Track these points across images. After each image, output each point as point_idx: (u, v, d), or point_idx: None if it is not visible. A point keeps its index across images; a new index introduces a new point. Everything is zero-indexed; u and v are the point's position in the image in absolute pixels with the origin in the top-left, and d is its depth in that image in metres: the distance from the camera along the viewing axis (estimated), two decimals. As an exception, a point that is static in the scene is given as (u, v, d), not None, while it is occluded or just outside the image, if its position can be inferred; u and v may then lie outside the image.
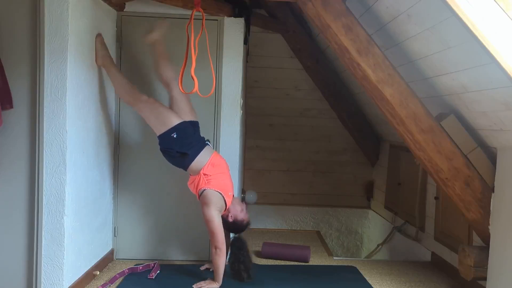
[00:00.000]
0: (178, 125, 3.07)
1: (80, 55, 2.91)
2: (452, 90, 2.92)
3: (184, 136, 3.09)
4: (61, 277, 2.78)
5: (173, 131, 3.05)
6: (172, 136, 3.05)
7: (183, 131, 3.09)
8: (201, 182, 3.13)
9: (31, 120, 2.72)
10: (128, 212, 3.69)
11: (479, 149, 2.95)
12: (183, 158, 3.11)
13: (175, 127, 3.06)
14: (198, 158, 3.11)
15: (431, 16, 2.47)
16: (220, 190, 3.12)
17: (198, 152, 3.12)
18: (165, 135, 3.07)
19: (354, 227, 5.59)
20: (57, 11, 2.68)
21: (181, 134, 3.07)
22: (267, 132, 5.40)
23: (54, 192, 2.75)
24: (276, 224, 5.41)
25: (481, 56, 2.28)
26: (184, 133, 3.10)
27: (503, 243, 2.76)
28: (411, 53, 3.05)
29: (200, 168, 3.12)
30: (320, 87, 5.29)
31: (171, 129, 3.05)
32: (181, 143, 3.07)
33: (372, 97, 3.04)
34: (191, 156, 3.09)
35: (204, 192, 3.11)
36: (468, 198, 2.92)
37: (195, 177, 3.17)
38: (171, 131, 3.05)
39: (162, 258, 3.65)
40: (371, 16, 3.11)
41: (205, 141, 3.25)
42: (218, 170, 3.16)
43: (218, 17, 3.61)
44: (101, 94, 3.32)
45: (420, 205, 4.10)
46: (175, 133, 3.06)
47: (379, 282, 3.42)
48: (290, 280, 3.36)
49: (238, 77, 3.69)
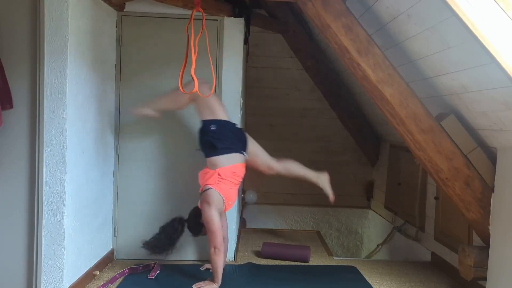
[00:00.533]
0: (221, 121, 3.21)
1: (80, 55, 2.91)
2: (452, 90, 2.92)
3: (221, 132, 3.19)
4: (61, 277, 2.78)
5: (215, 123, 3.18)
6: (212, 127, 3.18)
7: (223, 127, 3.21)
8: (212, 179, 3.15)
9: (31, 120, 2.72)
10: (128, 212, 3.69)
11: (479, 149, 2.95)
12: (210, 149, 3.20)
13: (219, 121, 3.20)
14: (223, 156, 3.17)
15: (431, 16, 2.47)
16: (223, 195, 3.15)
17: (226, 152, 3.19)
18: (207, 122, 3.21)
19: (354, 227, 5.59)
20: (57, 11, 2.68)
21: (220, 130, 3.19)
22: (267, 132, 5.39)
23: (54, 192, 2.75)
24: (276, 224, 5.41)
25: (481, 56, 2.27)
26: (223, 130, 3.21)
27: (503, 243, 2.76)
28: (411, 53, 3.05)
29: (218, 166, 3.16)
30: (320, 87, 5.29)
31: (215, 121, 3.19)
32: (215, 136, 3.17)
33: (372, 97, 3.04)
34: (218, 151, 3.17)
35: (208, 191, 3.13)
36: (468, 198, 2.92)
37: (210, 171, 3.20)
38: (213, 122, 3.19)
39: (162, 258, 3.65)
40: (371, 16, 3.11)
41: (241, 151, 3.30)
42: (232, 179, 3.21)
43: (218, 17, 3.61)
44: (101, 94, 3.32)
45: (420, 205, 4.10)
46: (215, 125, 3.18)
47: (379, 282, 3.42)
48: (290, 280, 3.36)
49: (238, 77, 3.69)
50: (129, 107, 3.45)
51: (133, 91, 3.62)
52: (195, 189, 3.69)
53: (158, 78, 3.61)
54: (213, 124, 3.18)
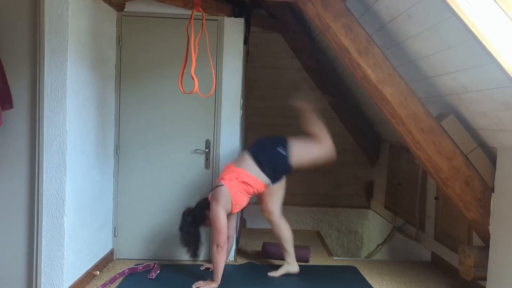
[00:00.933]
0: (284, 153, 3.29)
1: (80, 55, 2.91)
2: (452, 90, 2.92)
3: (275, 157, 3.29)
4: (61, 277, 2.78)
5: (286, 149, 3.30)
6: (280, 149, 3.29)
7: (279, 155, 3.29)
8: (229, 175, 3.19)
9: (31, 120, 2.72)
10: (128, 212, 3.69)
11: (479, 149, 2.95)
12: (257, 156, 3.26)
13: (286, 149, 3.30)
14: (253, 166, 3.23)
15: (431, 16, 2.47)
16: (232, 196, 3.15)
17: (259, 169, 3.23)
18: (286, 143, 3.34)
19: (354, 227, 5.58)
20: (57, 11, 2.68)
21: (278, 155, 3.29)
22: (267, 132, 5.37)
23: (54, 192, 2.75)
24: (276, 224, 5.39)
25: (481, 56, 2.27)
26: (277, 157, 3.29)
27: (503, 243, 2.76)
28: (411, 53, 3.05)
29: (243, 167, 3.20)
30: (320, 87, 5.29)
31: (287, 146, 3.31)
32: (271, 156, 3.28)
33: (372, 97, 3.04)
34: (259, 162, 3.23)
35: (220, 187, 3.15)
36: (468, 198, 2.92)
37: (233, 168, 3.23)
38: (286, 147, 3.31)
39: (162, 258, 3.65)
40: (371, 16, 3.11)
41: (271, 179, 3.30)
42: (246, 187, 3.21)
43: (218, 17, 3.61)
44: (101, 94, 3.32)
45: (420, 205, 4.11)
46: (284, 150, 3.29)
47: (379, 282, 3.42)
48: (290, 280, 3.36)
49: (238, 77, 3.69)
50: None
51: (133, 91, 3.63)
52: (195, 189, 3.70)
53: (158, 78, 3.61)
54: (283, 148, 3.27)
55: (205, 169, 3.70)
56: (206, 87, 3.00)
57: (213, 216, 3.12)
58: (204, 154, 3.69)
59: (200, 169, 3.69)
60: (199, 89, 2.64)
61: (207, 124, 3.68)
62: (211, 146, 3.68)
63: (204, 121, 3.68)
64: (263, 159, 3.24)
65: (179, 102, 3.60)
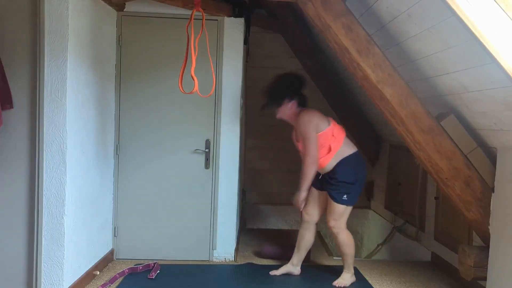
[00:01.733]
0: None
1: (80, 55, 2.91)
2: (452, 90, 2.92)
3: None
4: (61, 277, 2.78)
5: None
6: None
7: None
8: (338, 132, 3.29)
9: (31, 120, 2.72)
10: (128, 212, 3.69)
11: (479, 149, 2.95)
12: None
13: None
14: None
15: (431, 16, 2.46)
16: (325, 130, 3.23)
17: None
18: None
19: (354, 227, 5.57)
20: (57, 11, 2.68)
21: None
22: (267, 132, 5.39)
23: (54, 192, 2.75)
24: (276, 224, 5.40)
25: (481, 56, 2.27)
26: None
27: (503, 243, 2.76)
28: (411, 53, 3.05)
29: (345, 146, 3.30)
30: (320, 87, 5.29)
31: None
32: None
33: (372, 97, 3.04)
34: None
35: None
36: (468, 198, 2.92)
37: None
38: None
39: (162, 258, 3.65)
40: (371, 16, 3.10)
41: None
42: (330, 142, 3.24)
43: (218, 17, 3.61)
44: (101, 94, 3.32)
45: (420, 205, 4.10)
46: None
47: (379, 282, 3.42)
48: (290, 280, 3.36)
49: (238, 77, 3.69)
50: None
51: (133, 91, 3.63)
52: (195, 188, 3.70)
53: (158, 77, 3.61)
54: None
55: (205, 169, 3.70)
56: (206, 87, 3.00)
57: (304, 124, 3.19)
58: (204, 154, 3.69)
59: (200, 169, 3.70)
60: (199, 89, 2.64)
61: (207, 124, 3.68)
62: (211, 146, 3.68)
63: (204, 121, 3.68)
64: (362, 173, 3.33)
65: (179, 102, 3.60)
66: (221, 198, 3.72)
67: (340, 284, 3.29)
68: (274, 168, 5.46)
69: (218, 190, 3.71)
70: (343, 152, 3.23)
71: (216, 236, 3.73)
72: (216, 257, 3.74)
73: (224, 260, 3.74)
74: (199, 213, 3.72)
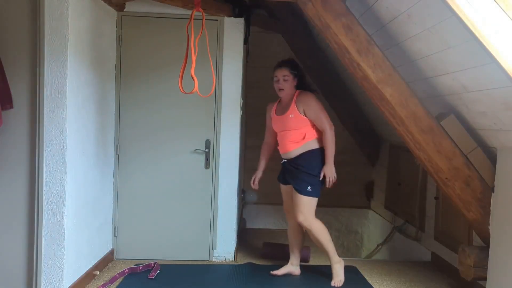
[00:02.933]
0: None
1: (80, 55, 2.91)
2: (452, 90, 2.91)
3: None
4: (61, 277, 2.78)
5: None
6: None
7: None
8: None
9: (31, 120, 2.71)
10: (128, 212, 3.69)
11: (479, 149, 2.95)
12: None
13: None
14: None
15: (431, 16, 2.46)
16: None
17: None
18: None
19: (354, 227, 5.59)
20: (57, 11, 2.68)
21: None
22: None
23: (54, 192, 2.75)
24: (276, 224, 5.40)
25: (481, 56, 2.27)
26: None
27: (503, 243, 2.76)
28: (411, 53, 3.05)
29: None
30: (320, 87, 5.28)
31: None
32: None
33: (372, 97, 3.04)
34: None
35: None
36: (468, 198, 2.92)
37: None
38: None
39: (162, 258, 3.65)
40: (371, 16, 3.10)
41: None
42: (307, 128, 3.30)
43: (218, 17, 3.61)
44: (101, 94, 3.32)
45: (420, 205, 4.11)
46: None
47: (379, 282, 3.42)
48: (290, 280, 3.36)
49: (238, 77, 3.69)
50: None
51: (133, 91, 3.63)
52: (195, 188, 3.70)
53: (158, 78, 3.61)
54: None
55: (205, 169, 3.70)
56: (206, 87, 3.00)
57: (316, 101, 3.24)
58: (204, 154, 3.69)
59: (200, 169, 3.70)
60: (199, 89, 2.64)
61: (207, 124, 3.68)
62: (211, 146, 3.68)
63: (204, 121, 3.68)
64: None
65: (179, 102, 3.59)
66: (221, 198, 3.72)
67: (337, 283, 3.29)
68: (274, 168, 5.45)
69: (218, 190, 3.71)
70: (313, 144, 3.26)
71: (216, 236, 3.73)
72: (216, 257, 3.74)
73: (224, 260, 3.74)
74: (199, 213, 3.72)
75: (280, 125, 3.33)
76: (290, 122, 3.25)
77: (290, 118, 3.24)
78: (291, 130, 3.26)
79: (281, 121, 3.32)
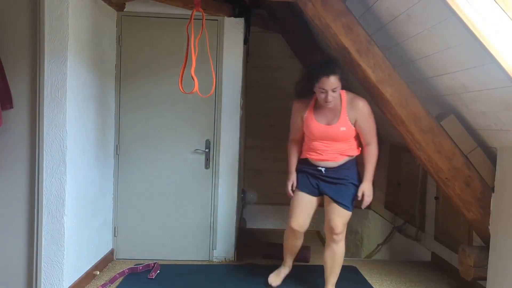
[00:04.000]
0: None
1: (80, 55, 2.91)
2: (452, 90, 2.91)
3: None
4: (61, 277, 2.78)
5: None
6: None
7: None
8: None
9: (31, 120, 2.72)
10: (128, 212, 3.69)
11: (479, 149, 2.95)
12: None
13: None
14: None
15: (431, 16, 2.46)
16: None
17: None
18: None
19: (354, 227, 5.58)
20: (57, 11, 2.68)
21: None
22: (267, 132, 5.39)
23: (54, 192, 2.75)
24: (276, 224, 5.40)
25: (481, 56, 2.27)
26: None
27: (503, 243, 2.76)
28: (411, 53, 3.05)
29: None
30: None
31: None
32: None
33: (372, 97, 3.04)
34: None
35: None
36: (468, 198, 2.92)
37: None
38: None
39: (162, 258, 3.65)
40: (371, 16, 3.10)
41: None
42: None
43: (218, 17, 3.61)
44: (101, 94, 3.32)
45: (420, 205, 4.10)
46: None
47: (379, 282, 3.42)
48: (290, 280, 3.36)
49: (238, 77, 3.69)
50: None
51: (133, 91, 3.63)
52: (195, 188, 3.70)
53: (158, 77, 3.61)
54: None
55: (205, 169, 3.70)
56: (206, 87, 2.99)
57: (370, 112, 2.89)
58: (204, 154, 3.69)
59: (200, 169, 3.70)
60: (199, 89, 2.64)
61: (207, 124, 3.68)
62: (211, 146, 3.68)
63: (204, 121, 3.68)
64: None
65: (179, 102, 3.60)
66: (221, 198, 3.72)
67: None
68: (274, 168, 5.46)
69: (218, 190, 3.71)
70: (354, 151, 3.04)
71: (216, 236, 3.73)
72: (216, 257, 3.74)
73: (224, 260, 3.74)
74: (199, 213, 3.72)
75: (323, 135, 2.91)
76: (340, 134, 2.89)
77: (342, 131, 2.89)
78: (339, 142, 2.93)
79: (326, 132, 2.90)
